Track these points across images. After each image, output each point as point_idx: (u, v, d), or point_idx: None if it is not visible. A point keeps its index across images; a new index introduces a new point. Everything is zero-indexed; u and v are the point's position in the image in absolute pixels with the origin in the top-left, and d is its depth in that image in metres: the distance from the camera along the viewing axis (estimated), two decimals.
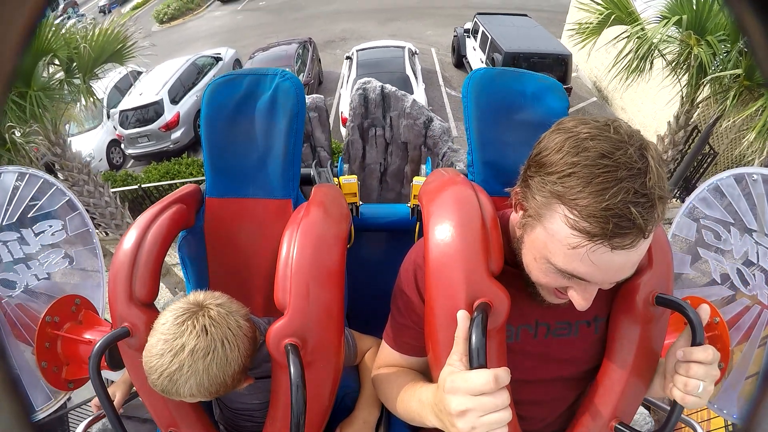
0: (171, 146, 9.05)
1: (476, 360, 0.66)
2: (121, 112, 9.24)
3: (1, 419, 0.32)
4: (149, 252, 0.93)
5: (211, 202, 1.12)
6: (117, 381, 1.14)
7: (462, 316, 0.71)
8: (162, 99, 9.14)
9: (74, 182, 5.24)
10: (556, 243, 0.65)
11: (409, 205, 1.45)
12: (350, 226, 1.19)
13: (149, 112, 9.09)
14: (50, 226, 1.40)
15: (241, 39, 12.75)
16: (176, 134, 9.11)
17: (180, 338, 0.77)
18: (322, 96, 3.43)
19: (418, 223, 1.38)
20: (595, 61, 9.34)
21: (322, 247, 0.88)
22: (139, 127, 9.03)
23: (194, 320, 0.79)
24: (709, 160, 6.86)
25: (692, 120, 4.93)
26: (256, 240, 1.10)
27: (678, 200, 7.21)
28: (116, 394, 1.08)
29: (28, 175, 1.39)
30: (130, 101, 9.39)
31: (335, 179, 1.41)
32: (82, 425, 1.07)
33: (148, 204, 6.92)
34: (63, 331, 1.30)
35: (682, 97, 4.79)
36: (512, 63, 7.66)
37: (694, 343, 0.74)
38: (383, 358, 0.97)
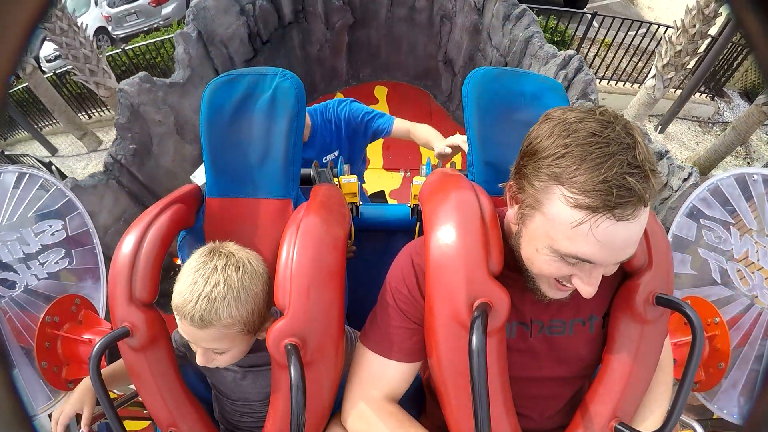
0: (161, 22, 8.51)
1: (476, 360, 0.66)
2: None
3: (1, 419, 0.32)
4: (149, 252, 0.92)
5: (211, 202, 1.12)
6: (77, 395, 1.03)
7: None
8: None
9: (47, 17, 5.19)
10: (558, 226, 0.65)
11: (409, 205, 1.45)
12: (350, 227, 1.18)
13: None
14: (50, 226, 1.40)
15: None
16: (167, 10, 8.53)
17: (210, 263, 0.84)
18: None
19: (418, 223, 1.38)
20: None
21: (322, 247, 0.88)
22: (127, 4, 8.52)
23: (218, 251, 0.87)
24: (742, 55, 6.35)
25: None
26: (256, 240, 1.10)
27: (708, 96, 6.79)
28: (84, 408, 1.01)
29: (28, 175, 1.39)
30: None
31: (335, 179, 1.41)
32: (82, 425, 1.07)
33: (134, 72, 6.63)
34: (63, 331, 1.30)
35: None
36: None
37: (694, 342, 0.75)
38: (373, 376, 0.87)
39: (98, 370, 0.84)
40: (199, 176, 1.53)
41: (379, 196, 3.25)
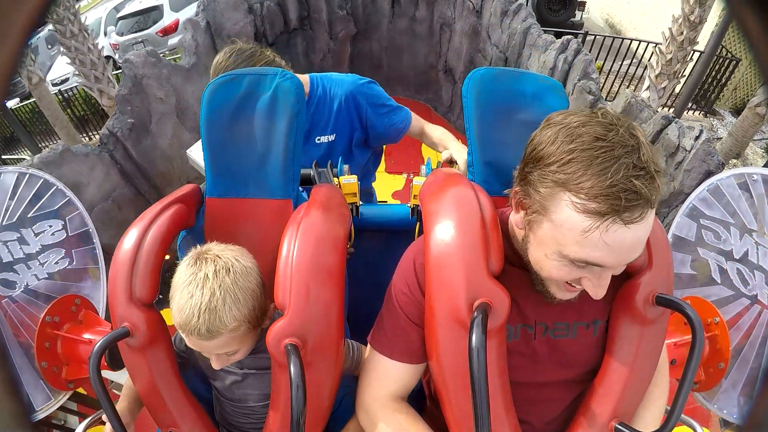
0: (167, 52, 8.75)
1: (476, 360, 0.66)
2: (119, 19, 9.16)
3: (1, 419, 0.32)
4: (149, 252, 0.92)
5: (211, 202, 1.12)
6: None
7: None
8: (162, 4, 9.03)
9: (59, 19, 5.14)
10: (567, 232, 0.65)
11: (409, 205, 1.45)
12: (350, 226, 1.18)
13: (148, 21, 9.00)
14: (50, 226, 1.40)
15: None
16: (173, 41, 8.83)
17: (199, 272, 0.83)
18: None
19: (418, 223, 1.38)
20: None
21: (322, 247, 0.88)
22: (135, 33, 8.95)
23: (204, 257, 0.86)
24: (730, 69, 6.46)
25: None
26: (256, 240, 1.10)
27: (701, 113, 6.86)
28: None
29: (28, 175, 1.39)
30: (130, 7, 9.37)
31: (335, 179, 1.41)
32: (82, 425, 1.07)
33: None
34: (63, 331, 1.30)
35: None
36: None
37: (694, 342, 0.75)
38: (381, 377, 0.90)
39: (98, 370, 0.84)
40: (195, 151, 1.50)
41: None
